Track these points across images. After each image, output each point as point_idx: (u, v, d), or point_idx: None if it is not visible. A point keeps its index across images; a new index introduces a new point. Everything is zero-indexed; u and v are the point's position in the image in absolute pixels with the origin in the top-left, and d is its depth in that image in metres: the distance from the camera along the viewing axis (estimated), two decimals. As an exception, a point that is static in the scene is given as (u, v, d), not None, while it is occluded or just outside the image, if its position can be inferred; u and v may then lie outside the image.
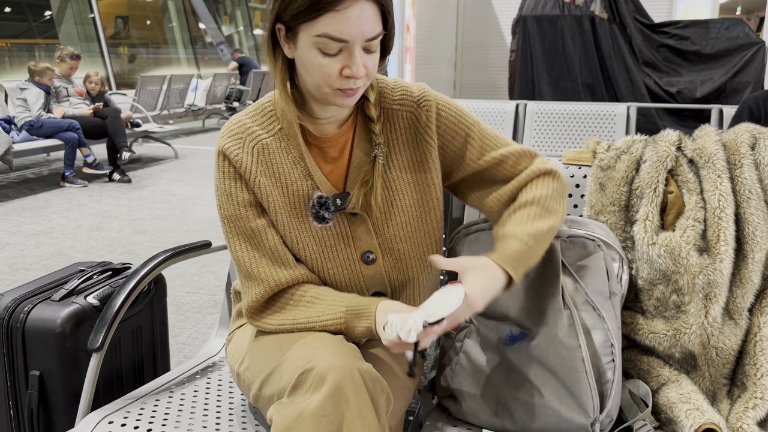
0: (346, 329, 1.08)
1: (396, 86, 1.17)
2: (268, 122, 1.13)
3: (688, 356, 1.30)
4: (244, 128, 1.12)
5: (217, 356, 1.57)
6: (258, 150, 1.11)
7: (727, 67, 4.92)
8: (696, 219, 1.33)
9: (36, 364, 1.41)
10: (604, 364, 1.19)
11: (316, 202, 1.11)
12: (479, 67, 8.13)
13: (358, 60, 0.99)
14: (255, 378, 1.11)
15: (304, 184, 1.12)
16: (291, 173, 1.12)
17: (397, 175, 1.16)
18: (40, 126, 5.61)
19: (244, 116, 1.14)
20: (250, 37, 16.30)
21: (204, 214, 4.75)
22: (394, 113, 1.15)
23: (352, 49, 0.98)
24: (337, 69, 0.99)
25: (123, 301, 1.33)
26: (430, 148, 1.16)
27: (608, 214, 1.42)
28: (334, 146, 1.14)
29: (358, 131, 1.15)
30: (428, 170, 1.17)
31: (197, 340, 2.63)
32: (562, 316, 1.18)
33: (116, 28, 11.81)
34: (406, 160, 1.16)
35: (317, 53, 0.99)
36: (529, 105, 3.75)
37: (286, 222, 1.12)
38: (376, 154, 1.13)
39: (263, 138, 1.12)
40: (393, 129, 1.16)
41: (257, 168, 1.11)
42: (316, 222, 1.12)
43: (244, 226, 1.12)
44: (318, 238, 1.13)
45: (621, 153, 1.47)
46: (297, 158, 1.12)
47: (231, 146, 1.11)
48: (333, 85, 1.01)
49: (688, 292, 1.28)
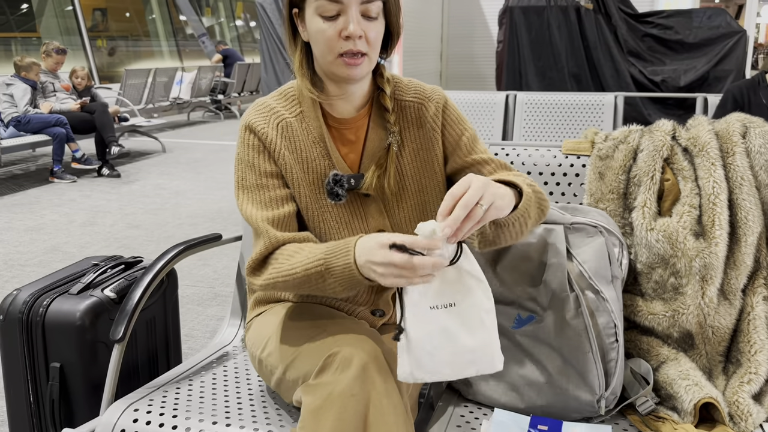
0: (326, 269, 1.04)
1: (410, 83, 1.27)
2: (290, 105, 1.21)
3: (685, 335, 1.37)
4: (269, 108, 1.20)
5: (230, 345, 1.61)
6: (282, 127, 1.19)
7: (709, 56, 5.02)
8: (692, 205, 1.40)
9: (56, 357, 1.45)
10: (608, 345, 1.25)
11: (331, 179, 1.18)
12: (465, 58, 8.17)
13: (354, 20, 1.08)
14: (279, 363, 1.15)
15: (323, 163, 1.19)
16: (311, 151, 1.19)
17: (408, 161, 1.24)
18: (27, 122, 5.58)
19: (268, 98, 1.23)
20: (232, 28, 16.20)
21: (196, 207, 4.77)
22: (406, 104, 1.25)
23: (347, 10, 1.07)
24: (337, 31, 1.08)
25: (142, 293, 1.37)
26: (436, 136, 1.25)
27: (607, 202, 1.48)
28: (351, 129, 1.22)
29: (373, 118, 1.23)
30: (434, 159, 1.25)
31: (199, 331, 2.67)
32: (568, 299, 1.24)
33: (94, 21, 11.66)
34: (415, 147, 1.24)
35: (319, 20, 1.09)
36: (519, 96, 3.81)
37: (307, 195, 1.19)
38: (390, 142, 1.21)
39: (287, 117, 1.20)
40: (405, 118, 1.24)
41: (281, 142, 1.18)
42: (330, 198, 1.19)
43: (264, 195, 1.17)
44: (334, 215, 1.20)
45: (618, 143, 1.53)
46: (317, 138, 1.19)
47: (257, 121, 1.19)
48: (335, 49, 1.09)
49: (685, 275, 1.35)
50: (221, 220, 4.36)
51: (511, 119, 3.81)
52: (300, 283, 1.08)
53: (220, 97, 10.85)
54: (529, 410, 1.27)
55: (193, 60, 13.35)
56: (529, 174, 1.60)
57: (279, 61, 5.80)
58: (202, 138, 8.41)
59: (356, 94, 1.20)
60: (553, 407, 1.26)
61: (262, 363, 1.22)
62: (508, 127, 3.81)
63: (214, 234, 1.64)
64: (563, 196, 1.57)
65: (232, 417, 1.24)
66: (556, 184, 1.58)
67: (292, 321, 1.20)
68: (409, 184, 1.24)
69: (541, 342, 1.27)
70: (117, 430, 1.23)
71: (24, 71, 5.69)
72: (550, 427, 1.17)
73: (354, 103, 1.21)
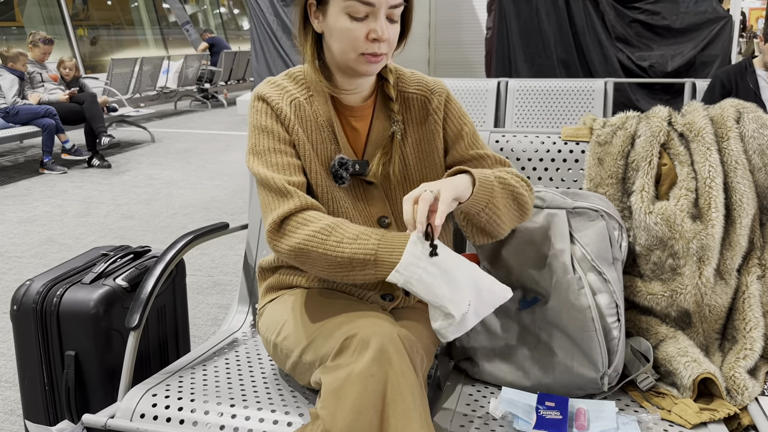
0: (374, 261, 1.07)
1: (413, 74, 1.32)
2: (300, 87, 1.25)
3: (683, 314, 1.42)
4: (281, 86, 1.24)
5: (240, 332, 1.65)
6: (295, 105, 1.23)
7: (696, 41, 5.08)
8: (688, 189, 1.45)
9: (71, 345, 1.47)
10: (610, 324, 1.30)
11: (337, 162, 1.22)
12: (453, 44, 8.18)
13: (383, 23, 1.12)
14: (295, 346, 1.19)
15: (330, 147, 1.24)
16: (320, 134, 1.23)
17: (410, 150, 1.29)
18: (16, 113, 5.54)
19: (278, 78, 1.27)
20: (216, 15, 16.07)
21: (189, 197, 4.78)
22: (409, 96, 1.30)
23: (378, 13, 1.12)
24: (364, 33, 1.13)
25: (156, 281, 1.40)
26: (438, 128, 1.30)
27: (607, 187, 1.53)
28: (357, 117, 1.27)
29: (378, 108, 1.27)
30: (435, 149, 1.30)
31: (201, 319, 2.70)
32: (572, 280, 1.29)
33: (75, 9, 11.51)
34: (417, 138, 1.29)
35: (346, 18, 1.12)
36: (510, 83, 3.84)
37: (318, 172, 1.23)
38: (394, 131, 1.26)
39: (298, 97, 1.23)
40: (408, 109, 1.29)
41: (294, 119, 1.22)
42: (335, 181, 1.23)
43: (281, 159, 1.18)
44: (341, 197, 1.24)
45: (616, 129, 1.57)
46: (325, 122, 1.24)
47: (271, 94, 1.22)
48: (359, 49, 1.13)
49: (683, 256, 1.40)
50: (215, 209, 4.37)
51: (503, 106, 3.85)
52: (337, 264, 1.08)
53: (207, 85, 10.79)
54: (534, 388, 1.32)
55: (178, 48, 13.24)
56: (529, 161, 1.64)
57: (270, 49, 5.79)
58: (190, 127, 8.38)
59: (364, 86, 1.25)
60: (558, 384, 1.30)
61: (277, 347, 1.25)
62: (500, 113, 3.85)
63: (222, 223, 1.67)
64: (563, 182, 1.62)
65: (249, 399, 1.28)
66: (556, 170, 1.62)
67: (306, 305, 1.23)
68: (411, 174, 1.29)
69: (546, 322, 1.31)
70: (137, 415, 1.27)
71: (11, 62, 5.64)
72: (557, 404, 1.22)
73: (362, 94, 1.26)
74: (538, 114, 3.78)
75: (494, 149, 1.66)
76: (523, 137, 1.67)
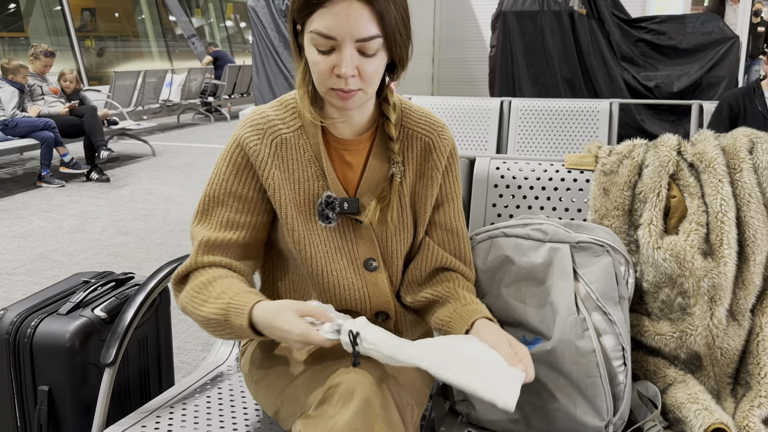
0: (225, 321, 1.04)
1: (421, 111, 1.22)
2: (290, 118, 1.16)
3: (693, 357, 1.34)
4: (267, 120, 1.15)
5: (225, 365, 1.57)
6: (276, 144, 1.13)
7: (702, 62, 5.02)
8: (699, 223, 1.37)
9: (45, 379, 1.40)
10: (616, 368, 1.22)
11: (324, 200, 1.13)
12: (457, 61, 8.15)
13: (347, 60, 1.01)
14: (277, 391, 1.11)
15: (317, 183, 1.14)
16: (305, 171, 1.14)
17: (407, 191, 1.19)
18: (15, 125, 5.49)
19: (267, 108, 1.17)
20: (222, 29, 16.12)
21: (187, 213, 4.71)
22: (413, 134, 1.20)
23: (342, 47, 1.01)
24: (329, 67, 1.02)
25: (134, 314, 1.33)
26: (436, 175, 1.20)
27: (612, 219, 1.45)
28: (351, 152, 1.17)
29: (377, 144, 1.17)
30: (430, 195, 1.21)
31: (191, 344, 2.62)
32: (576, 321, 1.21)
33: (83, 21, 11.56)
34: (414, 179, 1.20)
35: (313, 50, 1.03)
36: (513, 102, 3.77)
37: (294, 217, 1.14)
38: (393, 173, 1.16)
39: (283, 133, 1.14)
40: (409, 148, 1.19)
41: (273, 161, 1.13)
42: (321, 221, 1.14)
43: (221, 214, 1.14)
44: (324, 238, 1.15)
45: (623, 158, 1.50)
46: (312, 157, 1.14)
47: (250, 136, 1.13)
48: (326, 84, 1.04)
49: (693, 295, 1.32)
50: (212, 226, 4.29)
51: (505, 126, 3.78)
52: (203, 323, 1.08)
53: (210, 99, 10.77)
54: (535, 436, 1.23)
55: (183, 61, 13.25)
56: (531, 189, 1.56)
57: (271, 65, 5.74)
58: (192, 141, 8.34)
59: (355, 119, 1.15)
60: (559, 433, 1.22)
61: (259, 390, 1.18)
62: (503, 134, 3.78)
63: (208, 250, 1.59)
64: (567, 212, 1.54)
65: (229, 445, 1.20)
66: (559, 199, 1.55)
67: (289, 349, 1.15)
68: (406, 217, 1.20)
69: (548, 365, 1.23)
70: (108, 460, 1.19)
71: (11, 74, 5.60)
72: (558, 456, 1.13)
73: (354, 127, 1.16)
74: (541, 135, 3.71)
75: (495, 176, 1.58)
76: (525, 164, 1.59)
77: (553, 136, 3.69)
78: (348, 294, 1.17)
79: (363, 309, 1.19)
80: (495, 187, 1.58)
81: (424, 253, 1.23)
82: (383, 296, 1.19)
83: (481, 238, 1.36)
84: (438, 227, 1.24)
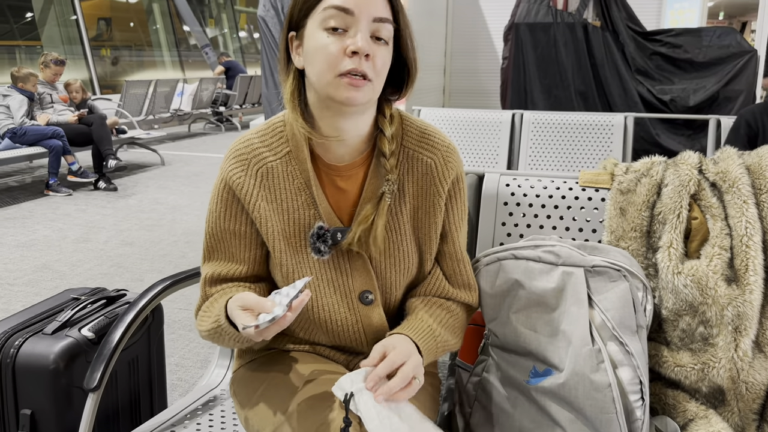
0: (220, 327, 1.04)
1: (425, 129, 1.13)
2: (277, 143, 1.08)
3: (716, 391, 1.25)
4: (251, 149, 1.07)
5: (218, 389, 1.49)
6: (262, 174, 1.06)
7: (719, 76, 4.91)
8: (722, 247, 1.28)
9: (27, 403, 1.33)
10: (633, 402, 1.13)
11: (315, 232, 1.06)
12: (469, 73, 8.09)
13: (365, 34, 0.96)
14: (267, 425, 1.03)
15: (307, 212, 1.06)
16: (294, 200, 1.06)
17: (407, 219, 1.10)
18: (23, 133, 5.48)
19: (253, 135, 1.10)
20: (235, 39, 16.18)
21: (193, 224, 4.66)
22: (414, 155, 1.11)
23: (358, 24, 0.96)
24: (342, 47, 0.96)
25: (121, 336, 1.25)
26: (440, 202, 1.11)
27: (629, 240, 1.37)
28: (344, 177, 1.08)
29: (374, 166, 1.09)
30: (434, 224, 1.12)
31: (190, 360, 2.55)
32: (590, 353, 1.12)
33: (98, 30, 11.65)
34: (415, 204, 1.11)
35: (323, 34, 0.97)
36: (525, 115, 3.69)
37: (283, 250, 1.07)
38: (384, 191, 1.06)
39: (269, 161, 1.06)
40: (410, 171, 1.10)
41: (259, 193, 1.06)
42: (313, 253, 1.06)
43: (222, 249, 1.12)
44: (315, 270, 1.08)
45: (641, 176, 1.41)
46: (302, 185, 1.06)
47: (234, 169, 1.07)
48: (336, 67, 0.96)
49: (716, 324, 1.23)
50: (218, 237, 4.23)
51: (517, 139, 3.70)
52: (212, 338, 1.08)
53: (221, 109, 10.77)
54: (544, 475, 1.14)
55: (196, 71, 13.30)
56: (543, 207, 1.48)
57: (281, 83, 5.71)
58: (202, 150, 8.31)
59: (351, 134, 1.05)
60: (571, 472, 1.13)
61: (248, 422, 1.10)
62: (514, 147, 3.69)
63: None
64: (581, 233, 1.46)
65: (216, 480, 1.12)
66: (573, 219, 1.46)
67: (281, 376, 1.08)
68: (405, 246, 1.10)
69: (560, 399, 1.14)
70: (88, 493, 1.11)
71: (21, 82, 5.60)
72: (570, 499, 1.05)
73: (349, 146, 1.07)
74: (554, 149, 3.63)
75: (505, 194, 1.50)
76: (537, 181, 1.51)
77: (566, 150, 3.61)
78: (341, 330, 1.09)
79: (358, 344, 1.12)
80: (504, 205, 1.50)
81: (427, 287, 1.16)
82: (380, 331, 1.11)
83: (490, 260, 1.28)
84: (447, 257, 1.16)
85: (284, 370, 1.09)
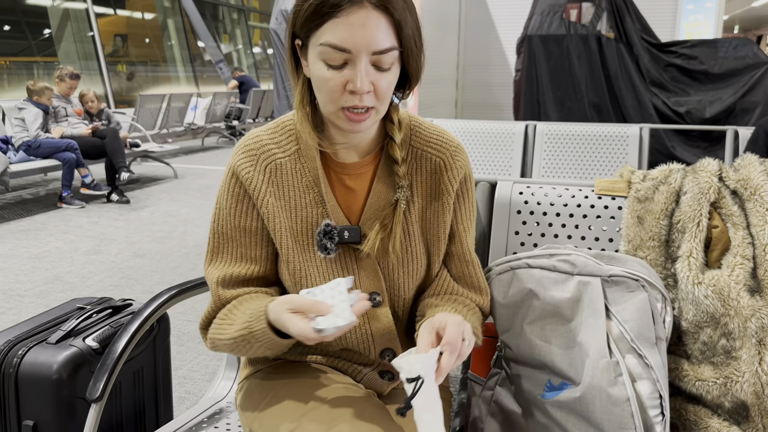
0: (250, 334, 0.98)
1: (433, 129, 1.11)
2: (286, 141, 1.06)
3: (739, 406, 1.20)
4: (260, 145, 1.06)
5: (224, 401, 1.46)
6: (271, 170, 1.04)
7: (735, 87, 4.86)
8: (744, 256, 1.23)
9: (29, 414, 1.30)
10: (652, 418, 1.09)
11: (323, 229, 1.03)
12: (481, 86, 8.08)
13: (362, 73, 0.91)
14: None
15: (315, 210, 1.04)
16: (302, 198, 1.05)
17: (415, 219, 1.08)
18: (37, 146, 5.51)
19: (262, 132, 1.08)
20: (249, 55, 16.30)
21: (204, 236, 4.65)
22: (423, 154, 1.09)
23: (356, 60, 0.91)
24: (341, 83, 0.92)
25: (125, 345, 1.23)
26: (448, 201, 1.09)
27: (647, 250, 1.33)
28: (352, 176, 1.07)
29: (382, 167, 1.07)
30: (442, 224, 1.10)
31: (199, 373, 2.51)
32: (608, 366, 1.08)
33: (115, 46, 11.80)
34: (424, 205, 1.09)
35: (322, 66, 0.93)
36: (538, 126, 3.66)
37: (291, 247, 1.05)
38: (398, 198, 1.05)
39: (278, 157, 1.05)
40: (418, 170, 1.09)
41: (267, 188, 1.04)
42: (320, 251, 1.04)
43: (232, 249, 1.07)
44: (322, 269, 1.05)
45: (659, 183, 1.37)
46: (311, 182, 1.05)
47: (243, 164, 1.05)
48: (337, 102, 0.94)
49: (739, 337, 1.18)
50: (229, 250, 4.22)
51: (530, 150, 3.66)
52: (234, 347, 1.02)
53: (234, 123, 10.82)
54: (560, 493, 1.10)
55: (210, 86, 13.41)
56: (558, 216, 1.44)
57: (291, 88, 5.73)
58: (214, 164, 8.34)
59: (359, 141, 1.05)
60: (588, 490, 1.08)
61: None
62: (527, 158, 3.66)
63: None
64: (597, 242, 1.42)
65: (219, 495, 1.08)
66: (589, 228, 1.42)
67: (287, 390, 1.04)
68: (414, 246, 1.08)
69: (576, 414, 1.10)
70: (88, 507, 1.08)
71: (36, 95, 5.64)
72: None
73: (357, 150, 1.06)
74: (567, 161, 3.58)
75: (518, 202, 1.47)
76: (551, 189, 1.48)
77: (580, 162, 3.56)
78: (348, 332, 1.06)
79: (366, 348, 1.08)
80: (518, 213, 1.46)
81: (435, 288, 1.12)
82: (388, 334, 1.08)
83: (502, 269, 1.24)
84: (456, 258, 1.13)
85: (290, 382, 1.06)
